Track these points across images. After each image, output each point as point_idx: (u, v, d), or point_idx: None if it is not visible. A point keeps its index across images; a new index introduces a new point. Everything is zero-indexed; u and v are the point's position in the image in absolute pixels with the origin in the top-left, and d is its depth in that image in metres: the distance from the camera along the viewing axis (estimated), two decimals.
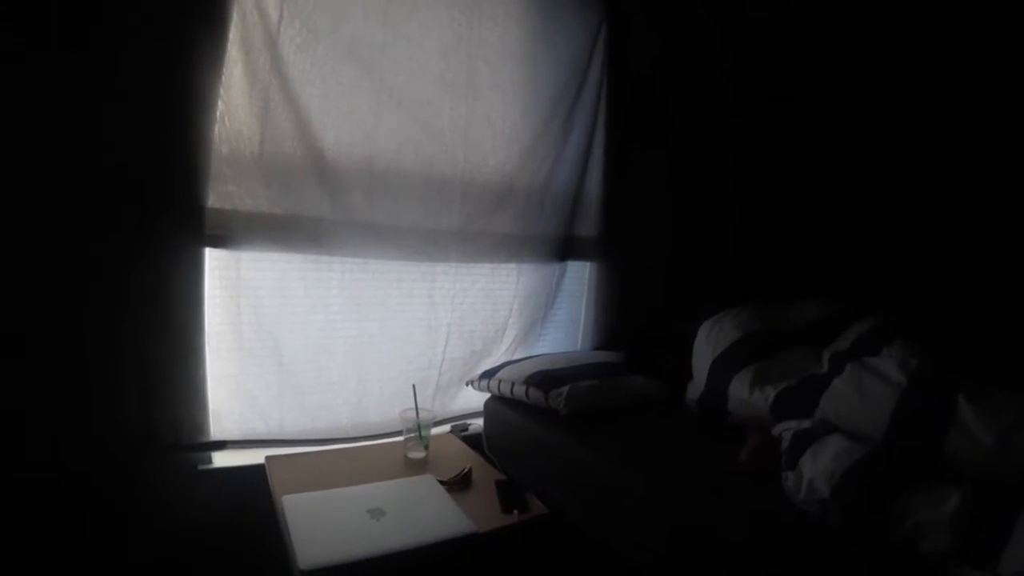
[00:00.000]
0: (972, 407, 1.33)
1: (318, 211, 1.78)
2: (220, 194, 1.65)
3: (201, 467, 1.77)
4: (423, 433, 1.80)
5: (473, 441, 2.05)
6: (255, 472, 1.72)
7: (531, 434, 1.84)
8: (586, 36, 2.27)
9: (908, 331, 1.78)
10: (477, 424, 2.19)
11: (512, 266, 2.23)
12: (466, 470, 1.68)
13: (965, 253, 2.13)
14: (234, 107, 1.63)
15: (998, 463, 1.24)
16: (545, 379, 1.89)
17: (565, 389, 1.81)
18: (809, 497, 1.27)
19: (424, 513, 1.44)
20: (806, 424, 1.52)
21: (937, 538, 1.08)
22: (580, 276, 2.54)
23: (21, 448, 1.50)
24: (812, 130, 2.64)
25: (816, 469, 1.29)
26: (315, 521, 1.35)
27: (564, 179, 2.27)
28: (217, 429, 1.76)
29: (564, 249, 2.32)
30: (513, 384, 1.94)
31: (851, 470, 1.25)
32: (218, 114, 1.61)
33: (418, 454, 1.80)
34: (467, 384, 2.16)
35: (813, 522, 1.25)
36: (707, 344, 1.97)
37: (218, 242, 1.67)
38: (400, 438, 1.86)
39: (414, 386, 1.86)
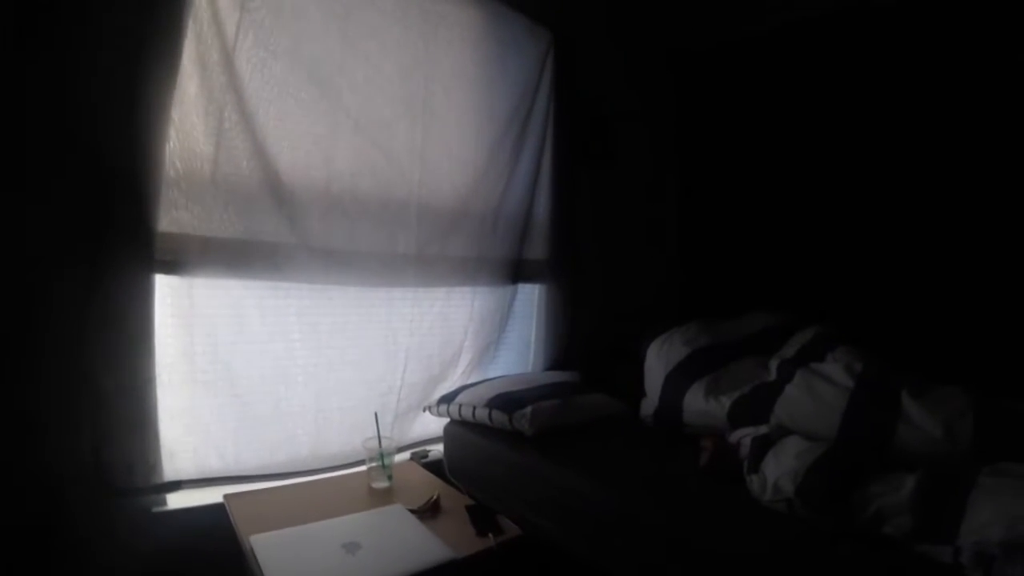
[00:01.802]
0: (915, 402, 1.56)
1: (275, 235, 1.80)
2: (172, 217, 1.63)
3: (155, 509, 1.72)
4: (386, 462, 1.82)
5: (434, 467, 2.10)
6: (212, 512, 1.69)
7: (496, 456, 1.92)
8: (535, 59, 2.42)
9: (847, 337, 2.00)
10: (437, 450, 2.25)
11: (467, 289, 2.31)
12: (434, 497, 1.72)
13: (895, 262, 2.35)
14: (187, 125, 1.63)
15: (946, 449, 1.46)
16: (507, 401, 1.97)
17: (528, 410, 1.90)
18: (775, 496, 1.42)
19: (400, 543, 1.47)
20: (763, 429, 1.70)
21: (899, 520, 1.25)
22: (529, 298, 2.66)
23: None
24: (748, 151, 2.86)
25: (780, 469, 1.45)
26: (289, 560, 1.35)
27: (515, 202, 2.40)
28: (171, 468, 1.73)
29: (515, 272, 2.44)
30: (475, 408, 2.01)
31: (813, 467, 1.41)
32: (171, 133, 1.60)
33: (382, 483, 1.82)
34: (425, 410, 2.21)
35: (781, 520, 1.39)
36: (658, 361, 2.14)
37: (169, 268, 1.65)
38: (362, 468, 1.88)
39: (376, 414, 1.88)
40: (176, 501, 1.77)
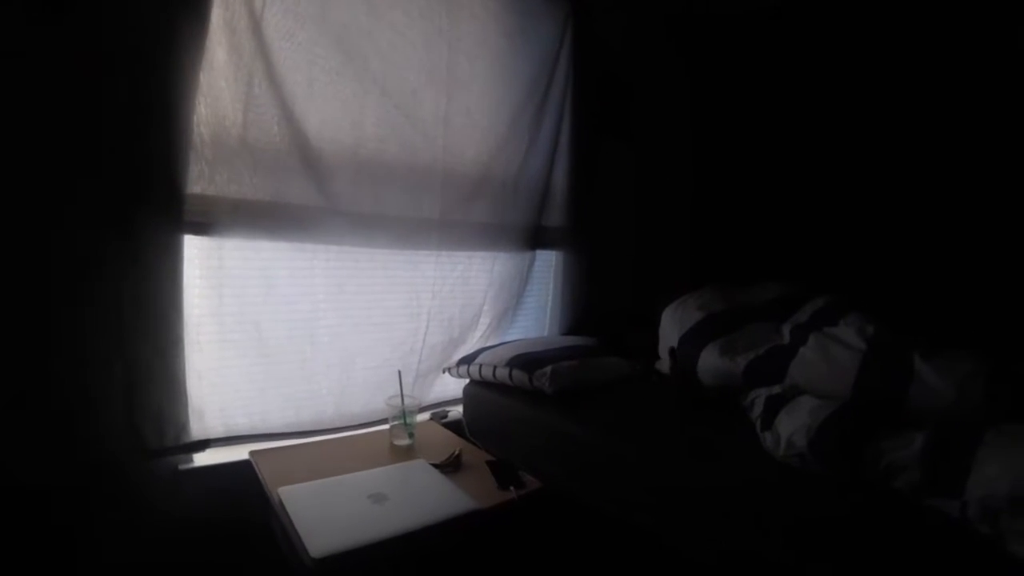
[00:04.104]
0: (928, 364, 1.60)
1: (305, 198, 1.83)
2: (202, 180, 1.65)
3: (182, 467, 1.77)
4: (408, 420, 1.88)
5: (453, 427, 2.17)
6: (237, 468, 1.76)
7: (517, 415, 1.98)
8: (555, 29, 2.45)
9: (859, 305, 2.04)
10: (456, 411, 2.32)
11: (488, 254, 2.37)
12: (457, 453, 1.79)
13: (902, 234, 2.42)
14: (216, 91, 1.65)
15: (958, 410, 1.50)
16: (527, 361, 2.03)
17: (548, 369, 1.96)
18: (788, 452, 1.47)
19: (425, 495, 1.53)
20: (776, 389, 1.75)
21: (909, 474, 1.29)
22: (547, 265, 2.72)
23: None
24: (762, 126, 2.91)
25: (793, 425, 1.50)
26: (317, 510, 1.40)
27: (535, 170, 2.44)
28: (199, 427, 1.77)
29: (534, 238, 2.49)
30: (495, 367, 2.07)
31: (826, 422, 1.45)
32: (200, 97, 1.61)
33: (404, 441, 1.88)
34: (444, 371, 2.27)
35: (794, 473, 1.44)
36: (672, 324, 2.19)
37: (199, 229, 1.68)
38: (384, 427, 1.94)
39: (399, 372, 1.94)
40: (201, 459, 1.82)
